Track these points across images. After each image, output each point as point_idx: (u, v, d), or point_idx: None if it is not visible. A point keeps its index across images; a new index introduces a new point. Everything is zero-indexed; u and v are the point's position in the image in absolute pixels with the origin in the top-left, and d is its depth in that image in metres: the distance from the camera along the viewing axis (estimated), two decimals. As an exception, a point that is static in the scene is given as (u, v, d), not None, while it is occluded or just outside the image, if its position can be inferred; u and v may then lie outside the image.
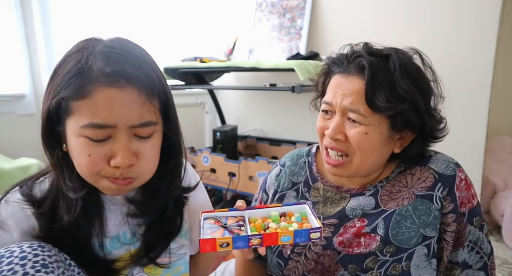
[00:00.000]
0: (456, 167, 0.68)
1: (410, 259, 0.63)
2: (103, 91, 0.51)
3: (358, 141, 0.63)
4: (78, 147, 0.53)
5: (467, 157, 1.84)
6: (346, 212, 0.70)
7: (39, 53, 1.61)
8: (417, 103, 0.62)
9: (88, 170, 0.54)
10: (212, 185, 1.98)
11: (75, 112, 0.52)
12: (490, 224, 1.96)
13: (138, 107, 0.53)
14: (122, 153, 0.53)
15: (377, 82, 0.61)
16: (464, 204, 0.65)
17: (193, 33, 2.46)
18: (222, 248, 0.55)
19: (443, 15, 1.77)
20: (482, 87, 1.72)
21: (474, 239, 0.66)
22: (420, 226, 0.64)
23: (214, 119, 2.53)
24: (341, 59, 0.67)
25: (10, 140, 1.52)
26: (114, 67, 0.52)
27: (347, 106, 0.63)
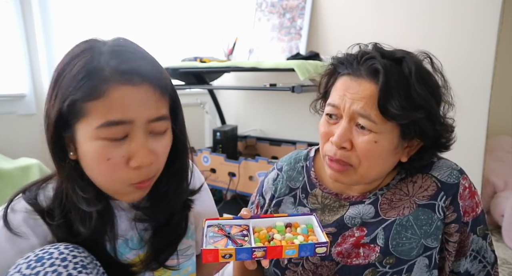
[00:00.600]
0: (459, 174, 0.65)
1: (410, 271, 0.61)
2: (118, 89, 0.50)
3: (366, 150, 0.59)
4: (94, 152, 0.51)
5: (467, 157, 1.84)
6: (344, 220, 0.67)
7: (39, 53, 1.61)
8: (432, 111, 0.58)
9: (110, 177, 0.53)
10: (212, 185, 1.98)
11: (89, 114, 0.50)
12: (490, 224, 1.96)
13: (153, 103, 0.53)
14: (144, 151, 0.52)
15: (390, 87, 0.56)
16: (468, 213, 0.63)
17: (193, 33, 2.46)
18: (224, 259, 0.53)
19: (443, 15, 1.77)
20: (482, 87, 1.72)
21: (477, 248, 0.64)
22: (421, 237, 0.62)
23: (214, 119, 2.53)
24: (349, 60, 0.62)
25: (10, 140, 1.52)
26: (127, 64, 0.51)
27: (358, 111, 0.58)
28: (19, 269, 0.49)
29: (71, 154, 0.54)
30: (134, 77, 0.51)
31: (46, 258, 0.50)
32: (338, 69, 0.64)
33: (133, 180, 0.54)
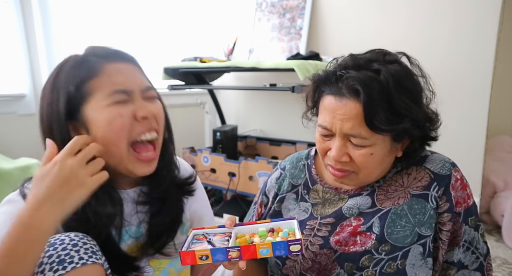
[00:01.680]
0: (452, 166, 0.67)
1: (405, 257, 0.63)
2: (112, 65, 0.61)
3: (364, 162, 0.63)
4: (109, 115, 0.59)
5: (467, 157, 1.85)
6: (342, 211, 0.70)
7: (39, 53, 1.61)
8: (415, 116, 0.61)
9: (124, 133, 0.60)
10: (212, 185, 1.98)
11: (95, 91, 0.60)
12: (490, 224, 1.96)
13: (141, 76, 0.66)
14: (145, 105, 0.62)
15: (373, 103, 0.58)
16: (460, 203, 0.65)
17: (193, 33, 2.46)
18: (202, 260, 0.56)
19: (443, 15, 1.77)
20: (482, 87, 1.72)
21: (470, 239, 0.66)
22: (415, 225, 0.64)
23: (214, 119, 2.53)
24: (329, 78, 0.64)
25: (10, 140, 1.52)
26: (108, 49, 0.64)
27: (348, 132, 0.62)
28: None
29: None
30: (118, 56, 0.63)
31: (58, 243, 0.53)
32: (321, 87, 0.66)
33: (140, 131, 0.62)
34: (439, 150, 0.75)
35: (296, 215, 0.76)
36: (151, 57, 2.15)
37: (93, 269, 0.53)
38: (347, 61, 0.65)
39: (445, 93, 2.08)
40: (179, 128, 2.49)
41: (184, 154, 2.08)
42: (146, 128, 0.63)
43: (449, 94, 1.81)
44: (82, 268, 0.52)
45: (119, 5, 1.97)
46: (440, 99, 0.69)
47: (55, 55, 1.64)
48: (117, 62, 0.62)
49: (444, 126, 0.70)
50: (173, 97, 2.35)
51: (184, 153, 2.08)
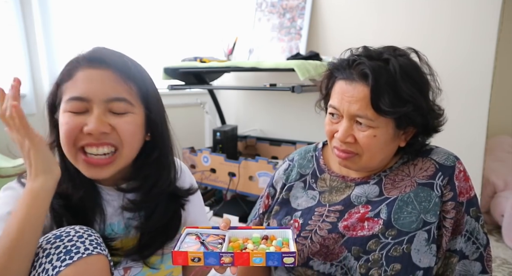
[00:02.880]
0: (455, 159, 0.72)
1: (410, 242, 0.66)
2: (83, 71, 0.62)
3: (367, 144, 0.67)
4: (61, 121, 0.62)
5: (467, 157, 1.84)
6: (351, 199, 0.73)
7: (39, 53, 1.61)
8: (419, 104, 0.66)
9: (66, 138, 0.62)
10: (212, 185, 1.98)
11: (64, 93, 0.63)
12: (490, 224, 1.96)
13: (112, 84, 0.62)
14: (94, 119, 0.60)
15: (380, 88, 0.64)
16: (463, 194, 0.69)
17: (193, 33, 2.46)
18: (193, 262, 0.56)
19: (443, 15, 1.77)
20: (482, 87, 1.72)
21: (471, 229, 0.69)
22: (421, 212, 0.67)
23: (214, 119, 2.53)
24: (343, 65, 0.69)
25: (10, 140, 1.51)
26: (95, 54, 0.64)
27: (355, 112, 0.66)
28: (40, 245, 0.56)
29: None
30: (96, 62, 0.62)
31: (64, 235, 0.56)
32: (334, 74, 0.72)
33: (79, 142, 0.62)
34: (440, 149, 0.76)
35: (303, 202, 0.79)
36: (151, 57, 2.15)
37: (98, 259, 0.56)
38: (360, 51, 0.70)
39: (445, 92, 2.08)
40: (179, 128, 2.49)
41: (184, 154, 2.08)
42: (93, 142, 0.62)
43: (449, 94, 1.80)
44: (88, 258, 0.54)
45: (119, 5, 1.97)
46: (440, 99, 0.72)
47: (55, 55, 1.64)
48: (93, 68, 0.62)
49: (444, 126, 0.73)
50: (173, 97, 2.35)
51: (184, 153, 2.08)
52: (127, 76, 0.63)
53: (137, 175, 0.70)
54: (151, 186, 0.69)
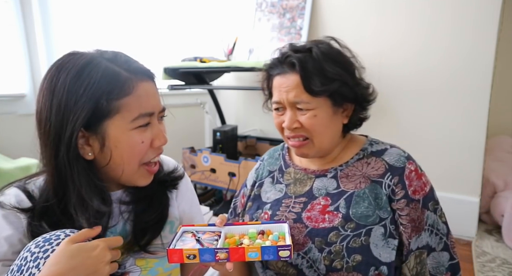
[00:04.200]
0: (406, 160, 0.76)
1: (368, 235, 0.71)
2: (140, 85, 0.61)
3: (311, 124, 0.74)
4: (131, 140, 0.61)
5: (467, 157, 1.85)
6: (313, 191, 0.80)
7: (39, 53, 1.61)
8: (345, 79, 0.74)
9: (139, 157, 0.63)
10: (212, 185, 1.98)
11: (122, 109, 0.59)
12: (490, 224, 1.96)
13: (158, 95, 0.66)
14: (162, 133, 0.65)
15: (308, 72, 0.72)
16: (417, 191, 0.73)
17: (193, 33, 2.46)
18: (189, 259, 0.56)
19: (443, 15, 1.77)
20: (482, 87, 1.72)
21: (431, 222, 0.74)
22: (376, 208, 0.73)
23: (214, 119, 2.53)
24: (275, 62, 0.78)
25: (10, 140, 1.52)
26: (136, 65, 0.63)
27: (293, 100, 0.74)
28: (29, 249, 0.53)
29: (89, 155, 0.60)
30: (145, 75, 0.63)
31: (53, 239, 0.54)
32: (270, 72, 0.80)
33: (151, 156, 0.65)
34: (440, 149, 0.76)
35: (272, 195, 0.85)
36: (151, 57, 2.16)
37: None
38: (287, 48, 0.78)
39: (445, 93, 2.09)
40: (179, 128, 2.50)
41: (184, 154, 2.08)
42: (158, 153, 0.67)
43: (449, 94, 1.81)
44: None
45: (119, 5, 1.97)
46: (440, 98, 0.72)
47: (55, 55, 1.64)
48: (145, 81, 0.63)
49: (444, 126, 0.74)
50: (173, 97, 2.35)
51: (184, 153, 2.08)
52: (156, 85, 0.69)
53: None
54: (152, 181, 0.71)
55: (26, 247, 0.54)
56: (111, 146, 0.60)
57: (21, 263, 0.52)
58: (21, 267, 0.52)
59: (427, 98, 1.86)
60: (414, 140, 1.93)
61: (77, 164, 0.59)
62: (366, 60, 0.80)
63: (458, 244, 1.79)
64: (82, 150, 0.60)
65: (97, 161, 0.62)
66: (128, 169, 0.63)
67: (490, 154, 2.21)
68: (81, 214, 0.59)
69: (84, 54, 0.61)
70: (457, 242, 1.81)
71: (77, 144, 0.58)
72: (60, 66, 0.60)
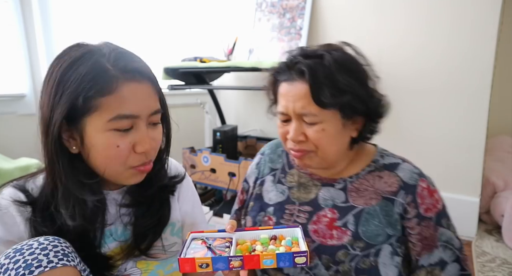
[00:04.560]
0: (418, 177, 0.73)
1: (377, 256, 0.68)
2: (126, 85, 0.57)
3: (318, 139, 0.69)
4: (106, 141, 0.57)
5: (467, 157, 1.85)
6: (318, 201, 0.76)
7: (39, 53, 1.61)
8: (358, 92, 0.68)
9: (119, 161, 0.59)
10: (212, 185, 1.98)
11: (100, 108, 0.56)
12: (490, 224, 1.96)
13: (153, 98, 0.61)
14: (147, 139, 0.60)
15: (318, 82, 0.66)
16: (430, 209, 0.70)
17: (193, 33, 2.46)
18: (201, 268, 0.54)
19: (443, 15, 1.77)
20: (482, 87, 1.72)
21: (446, 239, 0.71)
22: (385, 226, 0.70)
23: (214, 119, 2.53)
24: (282, 68, 0.73)
25: (10, 140, 1.52)
26: (131, 64, 0.58)
27: (300, 111, 0.69)
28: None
29: (73, 148, 0.59)
30: (137, 75, 0.58)
31: (25, 248, 0.51)
32: (277, 78, 0.74)
33: (136, 163, 0.61)
34: (439, 149, 0.75)
35: (274, 196, 0.81)
36: (151, 57, 2.16)
37: (64, 272, 0.51)
38: (297, 52, 0.72)
39: (445, 92, 2.08)
40: (179, 128, 2.49)
41: (184, 154, 2.08)
42: (142, 159, 0.62)
43: (449, 94, 1.81)
44: (51, 272, 0.50)
45: (119, 5, 1.97)
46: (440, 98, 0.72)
47: (55, 55, 1.64)
48: (134, 81, 0.58)
49: (444, 126, 0.73)
50: (173, 97, 2.35)
51: (184, 153, 2.08)
52: (157, 85, 0.63)
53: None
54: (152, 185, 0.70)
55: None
56: (88, 144, 0.58)
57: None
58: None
59: (427, 98, 1.86)
60: (414, 140, 1.93)
61: (62, 156, 0.58)
62: (366, 60, 0.78)
63: (458, 244, 1.79)
64: (67, 143, 0.59)
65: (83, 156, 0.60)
66: (110, 170, 0.60)
67: (490, 154, 2.21)
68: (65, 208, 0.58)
69: (84, 46, 0.59)
70: (457, 242, 1.81)
71: (61, 136, 0.57)
72: (57, 58, 0.60)
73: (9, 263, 0.49)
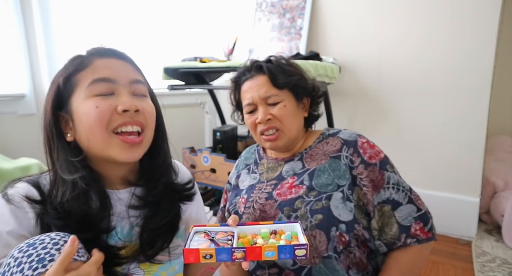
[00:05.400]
0: (357, 135, 0.89)
1: (329, 199, 0.81)
2: (101, 60, 0.63)
3: (281, 114, 0.87)
4: (87, 108, 0.60)
5: (467, 157, 1.85)
6: (282, 174, 0.91)
7: (39, 53, 1.61)
8: (301, 74, 0.91)
9: (99, 124, 0.60)
10: (212, 185, 1.98)
11: (80, 82, 0.61)
12: (490, 224, 1.96)
13: (130, 69, 0.66)
14: (127, 98, 0.63)
15: (273, 71, 0.87)
16: (373, 157, 0.84)
17: (193, 33, 2.46)
18: (205, 259, 0.56)
19: (442, 15, 1.77)
20: (482, 87, 1.72)
21: (396, 181, 0.84)
22: (334, 178, 0.84)
23: (214, 119, 2.53)
24: (242, 71, 0.93)
25: (10, 140, 1.52)
26: (104, 48, 0.65)
27: (264, 95, 0.87)
28: (12, 254, 0.52)
29: (68, 136, 0.63)
30: (111, 53, 0.65)
31: (38, 243, 0.53)
32: (238, 81, 0.94)
33: (119, 122, 0.62)
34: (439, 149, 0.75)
35: (247, 182, 0.96)
36: (151, 57, 2.16)
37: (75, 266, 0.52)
38: (251, 61, 0.94)
39: (445, 92, 2.08)
40: (179, 128, 2.50)
41: (184, 154, 2.08)
42: (128, 121, 0.62)
43: (449, 94, 1.81)
44: None
45: (119, 5, 1.97)
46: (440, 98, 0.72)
47: (55, 55, 1.64)
48: (107, 57, 0.64)
49: (444, 126, 0.74)
50: (173, 97, 2.35)
51: (184, 153, 2.08)
52: (138, 68, 0.68)
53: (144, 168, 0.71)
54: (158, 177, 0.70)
55: (9, 254, 0.53)
56: (76, 120, 0.61)
57: (4, 270, 0.50)
58: (4, 273, 0.50)
59: (427, 98, 1.86)
60: (414, 140, 1.93)
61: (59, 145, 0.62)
62: (366, 60, 0.81)
63: (458, 244, 1.79)
64: (64, 130, 0.63)
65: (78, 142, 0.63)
66: (94, 138, 0.61)
67: (490, 154, 2.21)
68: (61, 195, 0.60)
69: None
70: (457, 242, 1.81)
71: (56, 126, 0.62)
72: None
73: (23, 257, 0.51)
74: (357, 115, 2.10)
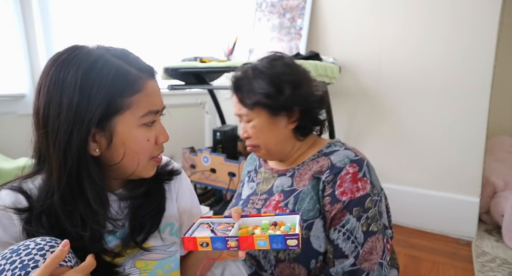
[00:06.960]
0: (349, 162, 0.81)
1: (309, 229, 0.77)
2: (149, 82, 0.63)
3: (253, 132, 0.88)
4: (138, 137, 0.62)
5: (467, 157, 1.85)
6: (273, 189, 0.91)
7: (39, 53, 1.61)
8: (269, 92, 0.83)
9: (147, 154, 0.64)
10: (212, 185, 1.98)
11: (132, 106, 0.60)
12: (490, 224, 1.96)
13: (160, 93, 0.67)
14: (164, 131, 0.67)
15: (241, 91, 0.88)
16: (346, 193, 0.77)
17: (193, 33, 2.46)
18: (202, 247, 0.59)
19: (442, 15, 1.77)
20: (482, 87, 1.72)
21: (351, 228, 0.76)
22: (316, 202, 0.80)
23: (214, 119, 2.53)
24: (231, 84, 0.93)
25: (10, 140, 1.52)
26: (141, 63, 0.64)
27: (238, 113, 0.91)
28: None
29: (96, 151, 0.59)
30: (150, 73, 0.65)
31: (22, 249, 0.51)
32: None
33: (157, 153, 0.67)
34: (439, 149, 0.75)
35: (246, 192, 0.97)
36: (151, 57, 2.15)
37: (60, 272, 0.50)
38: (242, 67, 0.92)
39: (445, 92, 2.08)
40: (179, 128, 2.50)
41: (184, 154, 2.08)
42: (161, 148, 0.68)
43: (449, 94, 1.81)
44: None
45: (119, 5, 1.97)
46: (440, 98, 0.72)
47: (55, 55, 1.64)
48: (152, 79, 0.64)
49: (444, 126, 0.73)
50: (173, 97, 2.35)
51: (184, 153, 2.08)
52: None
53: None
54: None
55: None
56: (119, 141, 0.60)
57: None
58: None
59: (427, 98, 1.86)
60: (414, 140, 1.93)
61: (85, 160, 0.58)
62: (366, 59, 0.80)
63: (458, 244, 1.79)
64: (88, 147, 0.58)
65: (103, 157, 0.61)
66: (134, 163, 0.63)
67: (490, 154, 2.21)
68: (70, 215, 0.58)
69: (90, 49, 0.59)
70: (457, 242, 1.81)
71: (88, 143, 0.57)
72: (66, 61, 0.58)
73: (6, 264, 0.49)
74: (357, 115, 2.10)
